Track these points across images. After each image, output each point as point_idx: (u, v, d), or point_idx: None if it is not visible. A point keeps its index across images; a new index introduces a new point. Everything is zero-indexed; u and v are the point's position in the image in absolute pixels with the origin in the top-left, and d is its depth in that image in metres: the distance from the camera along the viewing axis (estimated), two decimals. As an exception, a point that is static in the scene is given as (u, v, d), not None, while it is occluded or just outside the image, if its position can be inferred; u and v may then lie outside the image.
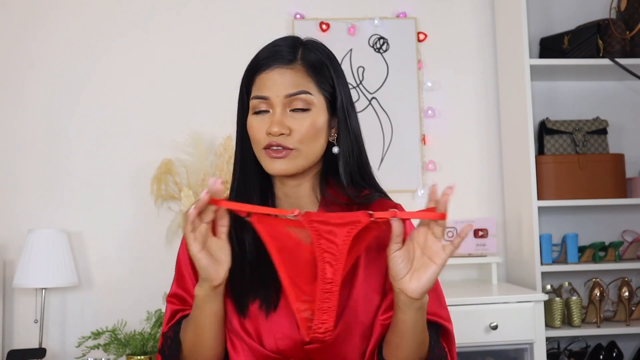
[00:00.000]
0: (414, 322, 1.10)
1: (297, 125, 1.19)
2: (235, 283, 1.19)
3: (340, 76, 1.26)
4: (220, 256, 1.11)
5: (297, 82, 1.20)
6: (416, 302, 1.07)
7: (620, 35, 2.79)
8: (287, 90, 1.19)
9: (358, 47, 2.98)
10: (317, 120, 1.21)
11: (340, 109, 1.25)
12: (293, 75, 1.20)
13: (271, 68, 1.21)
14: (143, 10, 2.95)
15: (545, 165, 2.76)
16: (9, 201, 2.84)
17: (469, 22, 3.08)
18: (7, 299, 2.79)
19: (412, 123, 2.98)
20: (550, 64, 2.79)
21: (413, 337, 1.12)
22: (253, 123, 1.22)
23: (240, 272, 1.20)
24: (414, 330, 1.11)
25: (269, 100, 1.19)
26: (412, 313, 1.09)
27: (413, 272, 1.06)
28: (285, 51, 1.22)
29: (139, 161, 2.86)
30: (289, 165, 1.19)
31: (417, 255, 1.06)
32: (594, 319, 2.71)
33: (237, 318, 1.19)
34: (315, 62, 1.23)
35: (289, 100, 1.19)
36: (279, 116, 1.18)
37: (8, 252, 2.80)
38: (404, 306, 1.08)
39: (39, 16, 2.91)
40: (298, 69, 1.21)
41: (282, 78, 1.20)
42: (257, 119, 1.21)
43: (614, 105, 3.06)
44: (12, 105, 2.88)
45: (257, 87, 1.22)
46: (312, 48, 1.25)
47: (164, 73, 2.94)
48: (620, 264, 2.73)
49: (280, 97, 1.19)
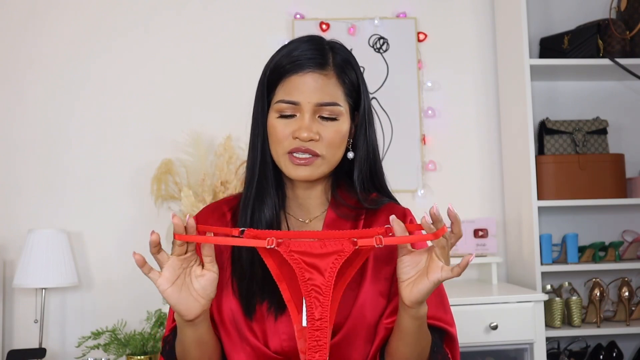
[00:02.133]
0: (413, 328, 1.10)
1: (325, 133, 1.17)
2: (245, 283, 1.18)
3: (364, 83, 1.25)
4: (198, 290, 1.05)
5: (330, 91, 1.17)
6: (411, 310, 1.06)
7: (620, 35, 2.79)
8: (320, 99, 1.16)
9: (358, 47, 2.98)
10: (343, 128, 1.19)
11: (362, 117, 1.23)
12: (326, 82, 1.18)
13: (304, 72, 1.17)
14: (143, 10, 2.95)
15: (545, 165, 2.76)
16: (9, 201, 2.84)
17: (469, 22, 3.08)
18: (7, 299, 2.79)
19: (412, 123, 2.98)
20: (550, 64, 2.78)
21: (412, 342, 1.12)
22: (277, 125, 1.18)
23: (251, 272, 1.18)
24: (414, 337, 1.11)
25: (299, 106, 1.17)
26: (408, 319, 1.08)
27: (414, 280, 1.05)
28: (318, 55, 1.19)
29: (139, 161, 2.86)
30: (313, 172, 1.18)
31: (422, 265, 1.05)
32: (594, 319, 2.71)
33: (243, 319, 1.18)
34: (345, 69, 1.21)
35: (318, 108, 1.17)
36: (309, 122, 1.16)
37: (8, 252, 2.80)
38: (402, 310, 1.09)
39: (39, 16, 2.91)
40: (330, 76, 1.18)
41: (315, 84, 1.17)
42: (282, 121, 1.18)
43: (614, 105, 3.06)
44: (12, 105, 2.88)
45: (286, 90, 1.18)
46: (339, 52, 1.23)
47: (164, 73, 2.94)
48: (620, 264, 2.73)
49: (312, 104, 1.16)
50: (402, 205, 1.29)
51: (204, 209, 1.32)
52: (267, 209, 1.21)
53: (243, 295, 1.18)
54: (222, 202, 1.32)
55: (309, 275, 1.02)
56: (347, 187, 1.25)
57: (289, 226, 1.24)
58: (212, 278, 1.06)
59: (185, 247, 1.04)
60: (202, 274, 1.05)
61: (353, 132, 1.24)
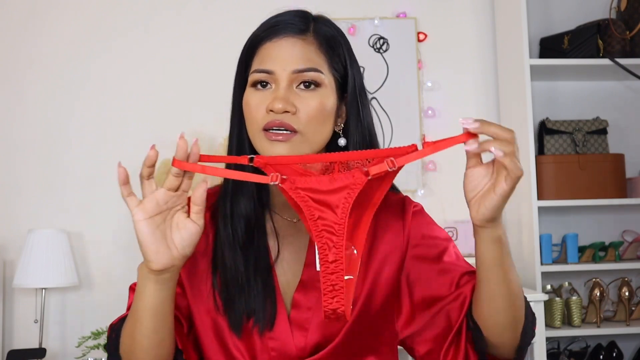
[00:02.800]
0: (495, 256, 0.96)
1: (303, 105, 1.01)
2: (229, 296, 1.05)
3: (353, 57, 1.11)
4: (175, 239, 0.94)
5: (309, 56, 1.03)
6: (484, 230, 0.95)
7: (620, 35, 2.79)
8: (296, 65, 1.02)
9: (358, 47, 2.98)
10: (327, 102, 1.03)
11: (352, 93, 1.08)
12: (304, 47, 1.03)
13: (279, 37, 1.04)
14: (143, 10, 2.95)
15: (545, 165, 2.76)
16: (9, 201, 2.84)
17: (469, 22, 3.07)
18: (7, 299, 2.79)
19: (412, 123, 2.98)
20: (550, 64, 2.79)
21: (501, 280, 0.97)
22: (250, 99, 1.04)
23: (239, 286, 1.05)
24: (500, 270, 0.96)
25: (274, 75, 1.02)
26: (486, 245, 0.96)
27: (481, 196, 0.93)
28: (296, 20, 1.06)
29: (139, 161, 2.85)
30: (291, 151, 1.00)
31: (488, 179, 0.94)
32: (594, 319, 2.71)
33: (229, 334, 1.06)
34: (329, 37, 1.07)
35: (296, 76, 1.02)
36: (284, 91, 1.01)
37: (8, 252, 2.80)
38: (477, 238, 0.97)
39: (39, 16, 2.91)
40: (310, 41, 1.04)
41: (292, 49, 1.03)
42: (256, 94, 1.04)
43: (614, 105, 3.05)
44: (12, 105, 2.88)
45: (260, 58, 1.05)
46: (324, 22, 1.09)
47: (164, 73, 2.94)
48: (620, 264, 2.74)
49: (287, 72, 1.02)
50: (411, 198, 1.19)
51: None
52: (245, 203, 1.07)
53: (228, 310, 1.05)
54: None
55: (319, 214, 0.90)
56: None
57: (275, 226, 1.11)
58: (194, 232, 0.94)
59: (180, 180, 0.93)
60: (184, 225, 0.94)
61: (344, 116, 1.09)
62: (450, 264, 1.08)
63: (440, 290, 1.07)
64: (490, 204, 0.92)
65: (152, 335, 0.98)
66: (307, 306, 1.07)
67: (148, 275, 0.95)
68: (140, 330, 0.98)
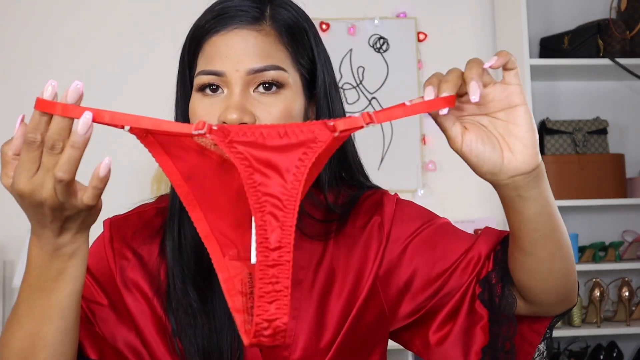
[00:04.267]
0: (543, 206, 0.78)
1: (264, 112, 0.81)
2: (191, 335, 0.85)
3: (321, 46, 0.90)
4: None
5: (266, 51, 0.83)
6: (529, 176, 0.78)
7: (621, 35, 2.79)
8: (252, 63, 0.82)
9: (358, 47, 2.98)
10: (292, 106, 0.84)
11: (322, 92, 0.89)
12: (260, 40, 0.83)
13: (227, 29, 0.83)
14: (143, 10, 2.95)
15: (546, 165, 2.67)
16: (9, 201, 2.81)
17: (469, 22, 3.08)
18: (7, 299, 2.79)
19: (412, 123, 2.98)
20: (551, 64, 2.79)
21: (547, 232, 0.78)
22: (197, 108, 0.84)
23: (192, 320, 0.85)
24: (546, 219, 0.78)
25: (224, 77, 0.82)
26: (535, 198, 0.78)
27: (503, 144, 0.78)
28: (247, 5, 0.85)
29: (139, 161, 2.86)
30: None
31: (491, 127, 0.80)
32: (594, 319, 2.71)
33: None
34: (291, 24, 0.86)
35: (252, 78, 0.82)
36: (238, 97, 0.81)
37: (8, 252, 2.80)
38: (513, 199, 0.78)
39: (40, 16, 2.91)
40: (267, 32, 0.84)
41: (244, 44, 0.82)
42: (204, 101, 0.84)
43: (614, 105, 3.05)
44: (12, 105, 2.88)
45: (206, 57, 0.85)
46: (283, 4, 0.88)
47: (164, 72, 2.94)
48: (620, 264, 2.74)
49: (241, 72, 0.81)
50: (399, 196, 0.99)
51: (122, 218, 1.00)
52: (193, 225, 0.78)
53: (190, 353, 0.84)
54: (150, 209, 1.02)
55: (261, 180, 0.64)
56: (312, 189, 0.90)
57: None
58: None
59: (42, 126, 0.68)
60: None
61: (313, 117, 0.90)
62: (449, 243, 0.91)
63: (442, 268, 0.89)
64: (522, 117, 0.76)
65: (61, 342, 0.80)
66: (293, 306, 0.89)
67: (52, 251, 0.77)
68: (44, 336, 0.79)
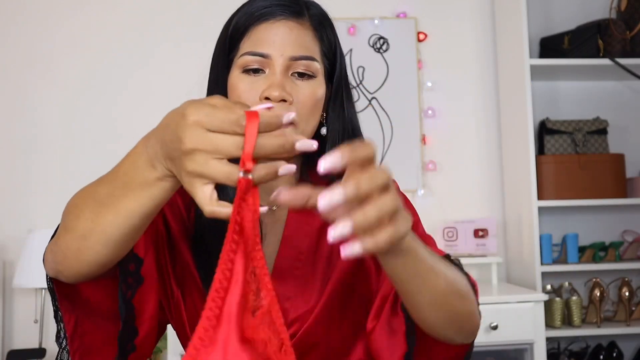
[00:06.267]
0: (409, 269, 0.74)
1: (299, 94, 0.94)
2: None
3: (340, 47, 1.04)
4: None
5: (306, 43, 0.96)
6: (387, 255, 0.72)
7: (621, 35, 2.79)
8: (294, 51, 0.94)
9: (358, 47, 2.98)
10: (319, 91, 0.97)
11: (338, 84, 1.02)
12: (302, 33, 0.96)
13: (276, 19, 0.95)
14: (143, 11, 2.95)
15: (546, 165, 2.76)
16: (9, 201, 2.84)
17: (469, 22, 3.08)
18: (7, 299, 2.79)
19: (412, 123, 2.98)
20: (551, 64, 2.78)
21: (419, 291, 0.78)
22: (240, 83, 0.94)
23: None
24: (416, 281, 0.77)
25: (269, 60, 0.94)
26: (394, 263, 0.73)
27: None
28: (292, 3, 0.97)
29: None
30: None
31: None
32: (594, 319, 2.71)
33: None
34: (323, 21, 1.00)
35: (291, 64, 0.94)
36: (280, 77, 0.93)
37: (8, 252, 2.80)
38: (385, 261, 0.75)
39: (40, 17, 2.91)
40: (307, 27, 0.97)
41: (290, 34, 0.95)
42: (247, 79, 0.94)
43: (614, 105, 3.06)
44: (14, 106, 2.88)
45: (253, 41, 0.95)
46: (317, 6, 1.02)
47: (165, 73, 2.94)
48: (620, 264, 2.74)
49: (285, 57, 0.94)
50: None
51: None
52: (223, 194, 0.88)
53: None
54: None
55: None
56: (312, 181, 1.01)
57: None
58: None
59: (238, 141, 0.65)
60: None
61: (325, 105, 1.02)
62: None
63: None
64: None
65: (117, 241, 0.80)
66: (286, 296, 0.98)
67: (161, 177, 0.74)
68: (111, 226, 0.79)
